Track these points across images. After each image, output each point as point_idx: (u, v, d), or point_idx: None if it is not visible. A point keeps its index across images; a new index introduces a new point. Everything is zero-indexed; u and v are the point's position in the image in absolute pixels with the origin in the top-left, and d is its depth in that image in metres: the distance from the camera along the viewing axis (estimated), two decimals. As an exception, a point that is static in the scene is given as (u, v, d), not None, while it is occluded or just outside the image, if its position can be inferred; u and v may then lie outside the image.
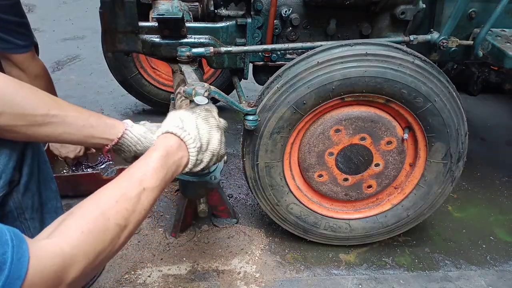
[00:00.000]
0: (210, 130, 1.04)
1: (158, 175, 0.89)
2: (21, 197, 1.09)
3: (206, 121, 1.04)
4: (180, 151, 0.97)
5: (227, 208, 1.77)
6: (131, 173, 0.88)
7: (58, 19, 4.33)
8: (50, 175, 1.21)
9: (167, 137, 0.97)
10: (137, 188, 0.85)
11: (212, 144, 1.05)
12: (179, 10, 1.60)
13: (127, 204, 0.82)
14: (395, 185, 1.63)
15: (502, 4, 1.53)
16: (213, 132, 1.05)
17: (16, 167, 1.04)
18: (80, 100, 2.79)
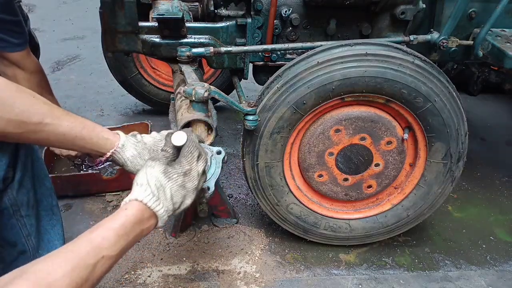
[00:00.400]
0: (185, 195, 0.99)
1: (121, 243, 0.84)
2: (15, 194, 1.09)
3: (183, 187, 0.98)
4: (150, 220, 0.92)
5: (227, 208, 1.77)
6: (93, 236, 0.82)
7: (58, 19, 4.33)
8: (44, 172, 1.21)
9: (140, 205, 0.91)
10: (96, 255, 0.79)
11: (184, 204, 1.00)
12: (179, 10, 1.60)
13: (82, 273, 0.75)
14: (395, 185, 1.63)
15: (502, 4, 1.53)
16: (188, 195, 1.00)
17: (9, 164, 1.04)
18: (80, 100, 2.79)
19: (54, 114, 0.98)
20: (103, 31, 1.58)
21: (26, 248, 1.17)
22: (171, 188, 0.95)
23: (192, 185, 0.99)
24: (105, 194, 1.92)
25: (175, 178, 0.96)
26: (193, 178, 1.00)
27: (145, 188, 0.92)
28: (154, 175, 0.94)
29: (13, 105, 0.92)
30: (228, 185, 2.05)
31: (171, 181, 0.95)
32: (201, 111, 1.29)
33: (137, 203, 0.90)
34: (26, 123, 0.94)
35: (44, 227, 1.23)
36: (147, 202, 0.90)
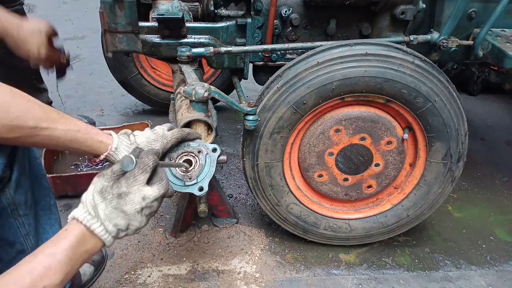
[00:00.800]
0: (126, 217, 0.90)
1: (63, 269, 0.81)
2: (13, 193, 1.10)
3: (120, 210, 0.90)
4: (92, 240, 0.88)
5: (227, 208, 1.77)
6: (34, 265, 0.78)
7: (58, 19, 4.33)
8: (42, 172, 1.21)
9: (79, 225, 0.87)
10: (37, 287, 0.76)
11: (132, 225, 0.92)
12: (179, 10, 1.60)
13: None
14: (395, 185, 1.63)
15: (502, 4, 1.53)
16: (133, 218, 0.91)
17: (6, 164, 1.04)
18: (80, 100, 2.79)
19: (49, 118, 0.98)
20: (103, 31, 1.58)
21: (25, 247, 1.17)
22: (104, 209, 0.88)
23: (131, 209, 0.90)
24: (105, 194, 1.92)
25: (109, 198, 0.89)
26: (132, 202, 0.90)
27: (82, 206, 0.89)
28: (90, 193, 0.90)
29: (8, 111, 0.91)
30: (228, 185, 2.05)
31: (105, 201, 0.89)
32: (201, 111, 1.29)
33: (76, 223, 0.87)
34: (21, 128, 0.94)
35: (42, 226, 1.23)
36: (84, 222, 0.86)
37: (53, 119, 0.99)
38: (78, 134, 1.01)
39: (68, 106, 2.67)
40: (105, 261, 1.57)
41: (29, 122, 0.94)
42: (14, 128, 0.93)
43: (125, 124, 2.15)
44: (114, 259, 1.61)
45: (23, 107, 0.94)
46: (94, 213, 0.88)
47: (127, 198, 0.90)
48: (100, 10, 1.52)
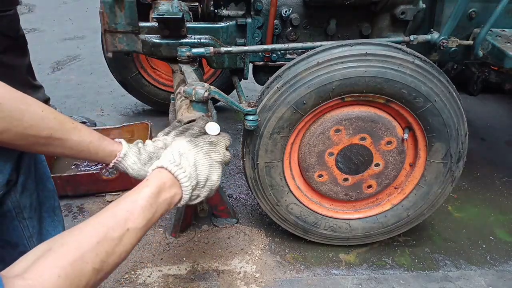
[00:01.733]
0: (210, 166, 0.99)
1: (145, 214, 0.85)
2: (19, 197, 1.09)
3: (208, 156, 0.99)
4: (173, 189, 0.92)
5: (227, 208, 1.77)
6: (117, 210, 0.83)
7: (58, 19, 4.33)
8: (47, 174, 1.21)
9: (161, 172, 0.92)
10: (121, 228, 0.80)
11: (211, 180, 1.00)
12: (179, 10, 1.60)
13: (108, 246, 0.77)
14: (395, 185, 1.63)
15: (502, 4, 1.53)
16: (214, 168, 1.00)
17: (13, 168, 1.04)
18: (80, 100, 2.79)
19: (63, 128, 0.99)
20: (103, 31, 1.58)
21: (28, 249, 1.17)
22: (196, 154, 0.96)
23: (217, 157, 1.00)
24: (105, 194, 1.92)
25: (201, 145, 0.98)
26: (219, 150, 1.01)
27: (168, 157, 0.94)
28: (178, 144, 0.97)
29: (22, 119, 0.91)
30: (228, 185, 2.05)
31: (196, 147, 0.97)
32: (201, 111, 1.29)
33: (157, 171, 0.92)
34: (35, 137, 0.94)
35: (46, 228, 1.23)
36: (167, 167, 0.91)
37: (67, 129, 0.99)
38: (90, 145, 1.03)
39: (68, 106, 2.68)
40: (105, 261, 1.57)
41: (43, 132, 0.95)
42: (27, 137, 0.93)
43: (125, 124, 2.15)
44: (114, 259, 1.61)
45: (37, 116, 0.94)
46: (180, 161, 0.93)
47: (217, 146, 1.01)
48: (100, 10, 1.52)
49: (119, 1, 1.48)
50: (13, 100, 0.91)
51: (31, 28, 3.92)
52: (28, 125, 0.92)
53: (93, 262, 0.74)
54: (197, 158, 0.96)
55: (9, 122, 0.89)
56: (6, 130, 0.89)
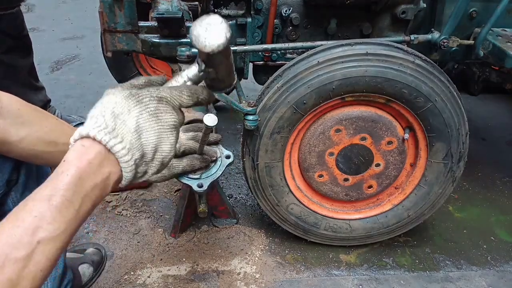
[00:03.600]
0: (160, 131, 0.69)
1: (63, 215, 0.60)
2: (20, 196, 1.10)
3: (156, 117, 0.69)
4: (105, 167, 0.64)
5: (227, 208, 1.76)
6: (22, 216, 0.59)
7: (57, 18, 4.32)
8: (48, 173, 1.21)
9: (84, 146, 0.64)
10: (29, 243, 0.57)
11: (162, 151, 0.72)
12: (178, 9, 1.59)
13: (11, 272, 0.55)
14: (396, 185, 1.63)
15: (503, 4, 1.52)
16: (165, 134, 0.70)
17: (14, 167, 1.04)
18: (79, 100, 2.78)
19: None
20: (102, 31, 1.57)
21: None
22: (139, 115, 0.66)
23: (169, 118, 0.70)
24: (105, 194, 1.91)
25: (146, 101, 0.68)
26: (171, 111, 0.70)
27: (95, 120, 0.65)
28: (112, 101, 0.67)
29: (41, 124, 0.93)
30: (228, 185, 2.05)
31: (139, 105, 0.67)
32: (201, 111, 1.29)
33: (79, 144, 0.64)
34: (55, 143, 0.95)
35: None
36: (94, 135, 0.63)
37: None
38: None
39: (67, 106, 2.67)
40: (104, 261, 1.57)
41: (61, 138, 0.96)
42: (49, 142, 0.94)
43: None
44: (113, 259, 1.61)
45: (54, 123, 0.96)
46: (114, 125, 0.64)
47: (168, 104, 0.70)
48: (99, 10, 1.51)
49: (119, 1, 1.47)
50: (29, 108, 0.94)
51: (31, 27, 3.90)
52: (48, 130, 0.94)
53: None
54: (140, 121, 0.66)
55: (30, 127, 0.91)
56: (28, 135, 0.91)
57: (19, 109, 0.90)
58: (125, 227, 1.76)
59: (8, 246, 0.56)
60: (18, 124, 0.90)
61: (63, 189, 0.61)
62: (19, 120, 0.90)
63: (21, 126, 0.90)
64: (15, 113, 0.90)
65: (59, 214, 0.60)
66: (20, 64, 2.09)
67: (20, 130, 0.90)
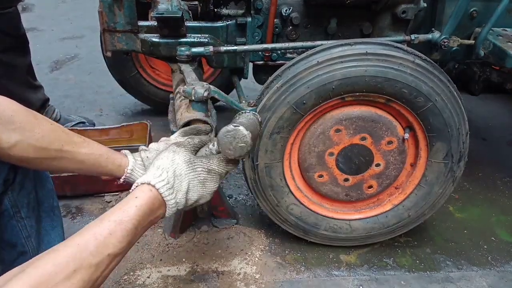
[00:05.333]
0: (202, 194, 0.92)
1: (128, 238, 0.78)
2: (16, 196, 1.10)
3: (203, 184, 0.91)
4: (160, 210, 0.86)
5: (227, 208, 1.76)
6: (99, 230, 0.75)
7: (56, 18, 4.32)
8: (46, 174, 1.21)
9: (151, 191, 0.84)
10: (101, 254, 0.73)
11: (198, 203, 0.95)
12: (178, 9, 1.59)
13: (85, 274, 0.70)
14: (396, 185, 1.62)
15: (503, 4, 1.52)
16: (205, 195, 0.94)
17: (11, 166, 1.04)
18: (79, 99, 2.78)
19: (72, 141, 1.00)
20: (102, 30, 1.57)
21: (26, 249, 1.17)
22: (191, 181, 0.88)
23: (212, 186, 0.93)
24: (104, 194, 1.91)
25: (199, 171, 0.90)
26: (216, 180, 0.93)
27: (160, 173, 0.86)
28: (176, 162, 0.88)
29: (33, 130, 0.93)
30: (228, 185, 2.04)
31: (193, 172, 0.89)
32: (201, 110, 1.28)
33: (148, 189, 0.84)
34: (46, 149, 0.95)
35: (44, 228, 1.23)
36: (159, 188, 0.84)
37: (76, 142, 1.00)
38: (100, 159, 1.03)
39: (66, 106, 2.67)
40: (104, 262, 1.56)
41: (53, 144, 0.96)
42: (39, 149, 0.94)
43: (124, 124, 2.14)
44: (113, 260, 1.60)
45: (47, 128, 0.96)
46: (174, 182, 0.85)
47: (215, 175, 0.92)
48: (99, 9, 1.51)
49: (118, 0, 1.47)
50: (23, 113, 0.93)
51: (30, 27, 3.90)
52: (40, 136, 0.93)
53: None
54: (191, 185, 0.89)
55: (21, 133, 0.91)
56: (19, 141, 0.91)
57: (12, 115, 0.90)
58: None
59: (86, 253, 0.71)
60: (9, 130, 0.90)
61: (134, 218, 0.79)
62: (11, 126, 0.90)
63: (13, 133, 0.90)
64: (8, 119, 0.90)
65: (127, 236, 0.77)
66: (18, 63, 2.09)
67: (11, 136, 0.90)
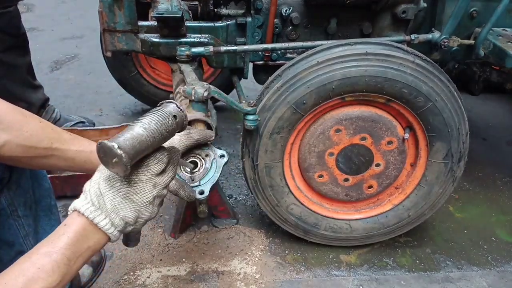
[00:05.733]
0: (135, 209, 0.82)
1: (61, 270, 0.73)
2: (13, 194, 1.10)
3: (129, 200, 0.82)
4: (96, 234, 0.80)
5: (227, 208, 1.75)
6: (27, 266, 0.72)
7: (56, 18, 4.32)
8: (43, 173, 1.21)
9: (80, 217, 0.79)
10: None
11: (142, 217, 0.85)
12: (178, 9, 1.59)
13: None
14: (396, 185, 1.62)
15: (503, 4, 1.52)
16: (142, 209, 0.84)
17: (6, 165, 1.04)
18: (78, 99, 2.78)
19: (62, 138, 0.98)
20: (102, 30, 1.57)
21: (24, 248, 1.17)
22: (112, 199, 0.80)
23: (142, 199, 0.82)
24: (104, 194, 1.91)
25: (117, 186, 0.81)
26: (143, 191, 0.83)
27: (85, 196, 0.81)
28: (95, 180, 0.82)
29: (21, 129, 0.92)
30: (228, 185, 2.04)
31: (112, 189, 0.80)
32: (201, 110, 1.28)
33: (77, 216, 0.79)
34: (35, 148, 0.94)
35: (42, 227, 1.23)
36: (87, 214, 0.78)
37: (66, 139, 0.99)
38: (92, 155, 1.00)
39: (66, 106, 2.66)
40: (104, 262, 1.56)
41: (42, 143, 0.95)
42: (28, 148, 0.93)
43: (124, 124, 2.14)
44: (113, 260, 1.60)
45: (35, 127, 0.95)
46: (99, 204, 0.79)
47: (138, 186, 0.82)
48: (99, 9, 1.51)
49: (118, 0, 1.47)
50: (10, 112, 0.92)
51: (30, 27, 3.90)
52: (28, 135, 0.92)
53: None
54: (115, 203, 0.80)
55: (10, 133, 0.90)
56: (8, 141, 0.90)
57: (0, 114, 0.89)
58: (125, 227, 1.75)
59: None
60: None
61: (64, 248, 0.75)
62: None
63: (1, 132, 0.89)
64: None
65: (58, 269, 0.73)
66: (19, 63, 2.09)
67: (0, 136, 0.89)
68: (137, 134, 0.79)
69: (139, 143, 0.78)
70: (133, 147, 0.77)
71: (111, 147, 0.75)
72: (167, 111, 0.85)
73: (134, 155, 0.77)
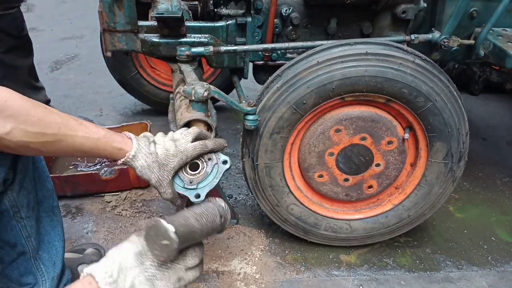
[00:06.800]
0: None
1: None
2: (16, 196, 1.09)
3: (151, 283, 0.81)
4: None
5: (227, 208, 1.75)
6: None
7: (57, 18, 4.32)
8: (46, 174, 1.21)
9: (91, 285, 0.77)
10: None
11: None
12: (178, 9, 1.59)
13: None
14: (396, 185, 1.62)
15: (503, 4, 1.52)
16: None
17: (10, 166, 1.04)
18: (78, 99, 2.78)
19: (69, 124, 0.98)
20: (102, 30, 1.57)
21: (26, 249, 1.17)
22: (136, 276, 0.78)
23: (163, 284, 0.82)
24: (104, 194, 1.91)
25: (147, 265, 0.80)
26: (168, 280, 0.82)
27: (106, 264, 0.79)
28: (124, 252, 0.81)
29: (29, 114, 0.92)
30: (228, 185, 2.04)
31: (140, 266, 0.79)
32: (201, 110, 1.28)
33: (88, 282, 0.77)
34: (43, 134, 0.94)
35: (44, 228, 1.23)
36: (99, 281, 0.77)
37: (73, 125, 0.99)
38: (99, 142, 1.00)
39: (66, 106, 2.67)
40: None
41: (50, 127, 0.95)
42: (36, 134, 0.93)
43: (124, 124, 2.14)
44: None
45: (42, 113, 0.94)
46: (118, 278, 0.77)
47: (166, 273, 0.81)
48: (99, 9, 1.51)
49: (118, 0, 1.47)
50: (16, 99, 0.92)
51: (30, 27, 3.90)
52: (36, 120, 0.92)
53: None
54: (136, 282, 0.78)
55: (17, 118, 0.90)
56: (14, 127, 0.90)
57: (6, 100, 0.89)
58: (125, 227, 1.75)
59: None
60: (3, 117, 0.89)
61: None
62: (6, 113, 0.89)
63: (8, 118, 0.89)
64: (1, 106, 0.89)
65: None
66: (20, 64, 2.09)
67: (6, 122, 0.89)
68: (190, 224, 0.79)
69: (190, 234, 0.79)
70: (184, 236, 0.77)
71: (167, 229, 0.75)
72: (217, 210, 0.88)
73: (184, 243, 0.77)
